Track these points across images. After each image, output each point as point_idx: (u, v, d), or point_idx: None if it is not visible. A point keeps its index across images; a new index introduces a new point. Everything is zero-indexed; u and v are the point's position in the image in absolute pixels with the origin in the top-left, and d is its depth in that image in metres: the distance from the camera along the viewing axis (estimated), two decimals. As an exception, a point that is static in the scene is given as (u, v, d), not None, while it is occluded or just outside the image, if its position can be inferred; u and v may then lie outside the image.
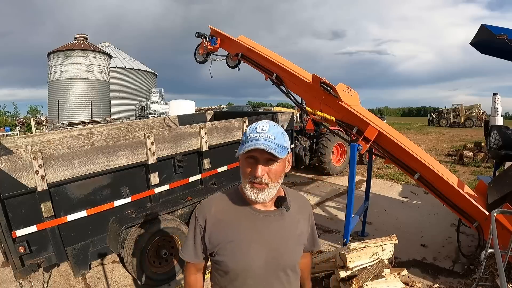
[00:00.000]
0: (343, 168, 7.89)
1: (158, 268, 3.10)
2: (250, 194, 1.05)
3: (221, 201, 1.16)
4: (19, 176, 2.34)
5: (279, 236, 1.12)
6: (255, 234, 1.10)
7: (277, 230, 1.12)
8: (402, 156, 3.11)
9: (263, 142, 0.99)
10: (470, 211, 2.87)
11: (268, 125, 1.04)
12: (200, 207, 1.17)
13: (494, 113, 7.22)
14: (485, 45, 3.39)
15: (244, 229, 1.10)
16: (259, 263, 1.08)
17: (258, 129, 1.03)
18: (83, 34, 23.48)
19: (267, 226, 1.11)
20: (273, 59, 3.90)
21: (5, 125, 26.60)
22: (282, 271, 1.13)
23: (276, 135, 1.03)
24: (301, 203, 1.24)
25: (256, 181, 1.03)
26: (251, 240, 1.09)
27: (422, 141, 15.31)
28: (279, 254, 1.11)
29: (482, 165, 8.60)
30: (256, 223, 1.11)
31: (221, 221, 1.11)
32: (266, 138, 1.01)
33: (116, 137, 4.40)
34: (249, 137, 1.03)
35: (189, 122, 5.76)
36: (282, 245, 1.12)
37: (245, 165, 1.05)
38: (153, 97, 27.03)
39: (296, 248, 1.18)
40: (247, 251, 1.08)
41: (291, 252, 1.15)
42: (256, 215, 1.11)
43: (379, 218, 4.83)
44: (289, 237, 1.15)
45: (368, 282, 2.64)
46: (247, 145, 1.00)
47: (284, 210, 1.13)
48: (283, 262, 1.13)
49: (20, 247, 2.39)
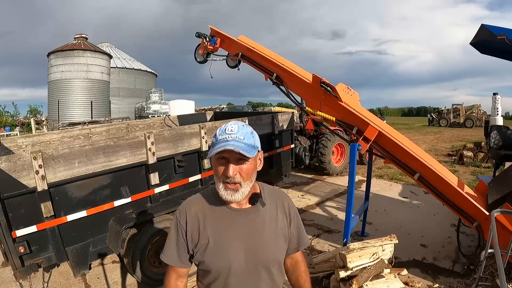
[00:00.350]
0: (343, 168, 7.89)
1: (158, 268, 3.10)
2: (224, 195, 1.06)
3: (200, 201, 1.18)
4: (19, 176, 2.33)
5: (257, 233, 1.13)
6: (233, 232, 1.12)
7: (254, 227, 1.14)
8: (402, 156, 3.11)
9: (232, 143, 1.01)
10: (470, 211, 2.87)
11: (237, 126, 1.07)
12: (180, 208, 1.17)
13: (494, 113, 7.22)
14: (485, 45, 3.39)
15: (222, 228, 1.12)
16: (239, 261, 1.10)
17: (227, 130, 1.05)
18: (83, 34, 23.49)
19: (244, 224, 1.13)
20: (273, 59, 3.90)
21: (5, 125, 26.61)
22: (263, 267, 1.14)
23: (245, 135, 1.05)
24: (278, 198, 1.23)
25: (228, 181, 1.04)
26: (229, 239, 1.11)
27: (422, 141, 15.31)
28: (258, 250, 1.12)
29: (482, 165, 8.60)
30: (233, 221, 1.13)
31: (201, 221, 1.13)
32: (235, 138, 1.03)
33: (116, 137, 4.39)
34: (218, 138, 1.05)
35: (189, 122, 5.76)
36: (261, 241, 1.13)
37: (217, 166, 1.07)
38: (153, 97, 27.04)
39: (277, 243, 1.17)
40: (227, 250, 1.10)
41: (271, 248, 1.15)
42: (233, 214, 1.13)
43: (379, 218, 4.83)
44: (268, 233, 1.15)
45: (368, 282, 2.64)
46: (217, 146, 1.02)
47: (260, 206, 1.14)
48: (264, 258, 1.14)
49: (20, 247, 2.39)
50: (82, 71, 22.14)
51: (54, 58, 22.31)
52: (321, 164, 7.52)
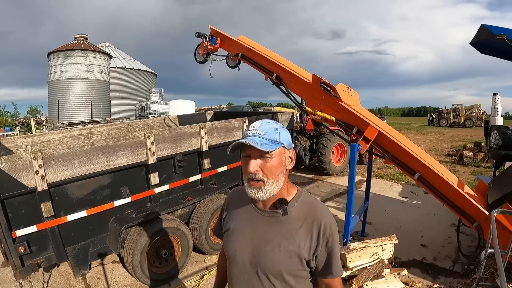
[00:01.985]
0: (343, 168, 7.89)
1: (158, 268, 3.10)
2: (249, 192, 1.06)
3: (239, 193, 1.25)
4: (19, 176, 2.34)
5: (266, 239, 1.09)
6: (248, 229, 1.15)
7: (266, 232, 1.10)
8: (402, 156, 3.11)
9: (249, 138, 1.01)
10: (470, 211, 2.87)
11: (261, 122, 1.07)
12: (228, 194, 1.34)
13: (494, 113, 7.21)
14: (485, 45, 3.39)
15: (241, 222, 1.18)
16: (242, 255, 1.13)
17: (251, 127, 1.07)
18: (83, 34, 23.48)
19: (259, 225, 1.13)
20: (273, 59, 3.90)
21: (5, 125, 26.61)
22: (263, 273, 1.09)
23: (267, 130, 1.04)
24: (312, 214, 1.10)
25: (251, 177, 1.04)
26: (242, 233, 1.15)
27: (422, 141, 15.31)
28: (263, 256, 1.09)
29: (482, 165, 8.60)
30: (252, 218, 1.16)
31: (233, 208, 1.23)
32: (255, 134, 1.03)
33: (116, 137, 4.40)
34: (242, 135, 1.08)
35: (189, 122, 5.76)
36: (266, 248, 1.08)
37: (243, 163, 1.08)
38: (153, 97, 27.04)
39: (284, 258, 1.06)
40: (236, 240, 1.15)
41: (275, 260, 1.07)
42: (253, 212, 1.16)
43: (379, 218, 4.83)
44: (277, 243, 1.07)
45: (368, 282, 2.64)
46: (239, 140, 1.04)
47: (280, 213, 1.09)
48: (265, 266, 1.08)
49: (20, 247, 2.39)
50: (82, 71, 22.13)
51: (54, 58, 22.30)
52: (321, 164, 7.52)
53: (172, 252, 3.18)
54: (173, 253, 3.19)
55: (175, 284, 3.15)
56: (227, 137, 3.98)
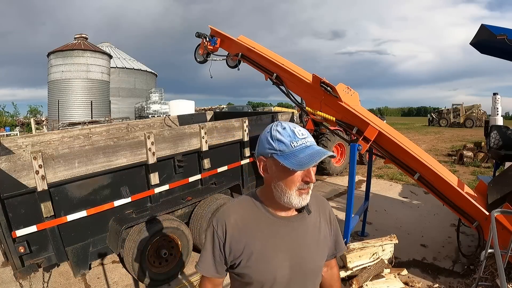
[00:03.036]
0: (343, 168, 7.89)
1: (158, 268, 3.10)
2: (299, 202, 0.99)
3: (239, 209, 1.08)
4: (19, 176, 2.34)
5: (303, 243, 1.07)
6: (278, 242, 1.04)
7: (300, 236, 1.07)
8: (402, 156, 3.11)
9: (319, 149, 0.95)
10: (470, 211, 2.87)
11: (300, 128, 0.99)
12: (218, 217, 1.08)
13: (494, 113, 7.21)
14: (485, 45, 3.39)
15: (267, 237, 1.03)
16: (284, 272, 1.03)
17: (299, 135, 0.96)
18: (83, 34, 23.47)
19: (289, 233, 1.06)
20: (273, 59, 3.90)
21: (5, 125, 26.61)
22: (307, 278, 1.09)
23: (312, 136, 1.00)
24: (319, 203, 1.17)
25: (306, 187, 0.98)
26: (274, 249, 1.03)
27: (422, 141, 15.31)
28: (303, 261, 1.06)
29: (482, 165, 8.59)
30: (278, 230, 1.05)
31: (242, 229, 1.04)
32: (313, 143, 0.97)
33: (116, 137, 4.40)
34: (294, 145, 0.94)
35: (189, 122, 5.76)
36: (307, 251, 1.07)
37: (292, 174, 0.96)
38: (153, 97, 27.03)
39: (320, 253, 1.12)
40: (271, 260, 1.02)
41: (316, 258, 1.10)
42: (277, 222, 1.05)
43: (379, 218, 4.83)
44: (313, 242, 1.09)
45: (368, 282, 2.64)
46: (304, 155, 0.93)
47: (306, 214, 1.08)
48: (308, 269, 1.08)
49: (20, 247, 2.39)
50: (82, 71, 22.12)
51: (54, 58, 22.29)
52: (321, 164, 7.52)
53: (172, 252, 3.18)
54: (173, 253, 3.19)
55: (175, 284, 3.15)
56: (227, 137, 3.98)
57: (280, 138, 0.96)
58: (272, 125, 1.01)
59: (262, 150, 1.00)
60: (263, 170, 1.03)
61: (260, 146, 1.02)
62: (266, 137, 1.00)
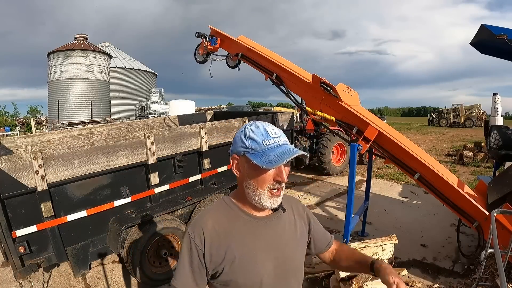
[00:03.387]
0: (343, 168, 7.89)
1: (158, 268, 3.10)
2: (270, 204, 0.98)
3: (215, 214, 1.05)
4: (19, 176, 2.34)
5: (283, 241, 1.07)
6: (259, 242, 1.02)
7: (279, 234, 1.07)
8: (402, 156, 3.11)
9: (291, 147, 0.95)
10: (470, 211, 2.87)
11: (273, 128, 0.99)
12: (193, 226, 1.01)
13: (494, 113, 7.22)
14: (485, 45, 3.39)
15: (247, 239, 1.01)
16: (269, 272, 1.02)
17: (272, 133, 0.96)
18: (83, 34, 23.47)
19: (268, 232, 1.05)
20: (273, 59, 3.90)
21: (5, 125, 26.61)
22: (291, 276, 1.09)
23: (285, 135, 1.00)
24: (291, 203, 1.18)
25: (278, 187, 0.97)
26: (257, 250, 1.01)
27: (422, 141, 15.31)
28: (286, 259, 1.07)
29: (482, 165, 8.59)
30: (257, 230, 1.03)
31: (221, 234, 0.99)
32: (286, 142, 0.97)
33: (116, 137, 4.40)
34: (265, 143, 0.94)
35: (189, 122, 5.76)
36: (288, 249, 1.08)
37: (263, 173, 0.95)
38: (153, 97, 27.04)
39: (299, 248, 1.13)
40: (256, 262, 1.00)
41: (297, 255, 1.11)
42: (255, 222, 1.04)
43: (379, 218, 4.83)
44: (292, 240, 1.10)
45: (368, 282, 2.64)
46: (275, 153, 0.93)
47: (281, 212, 1.08)
48: (291, 266, 1.09)
49: (20, 247, 2.39)
50: (82, 71, 22.12)
51: (54, 58, 22.29)
52: (321, 164, 7.52)
53: (172, 252, 3.18)
54: (173, 253, 3.19)
55: (175, 284, 3.15)
56: (227, 137, 3.98)
57: (252, 136, 0.96)
58: (246, 124, 1.01)
59: (235, 148, 1.00)
60: (236, 169, 1.02)
61: (234, 144, 1.01)
62: (240, 135, 0.99)
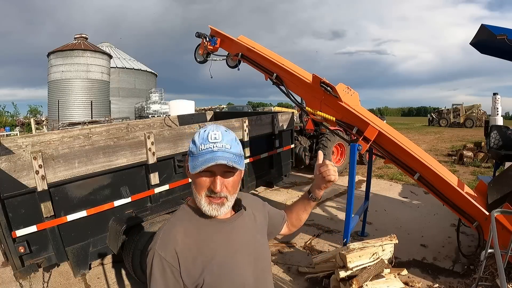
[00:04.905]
0: (343, 168, 7.88)
1: (158, 268, 3.09)
2: (208, 210, 0.95)
3: (182, 226, 0.99)
4: (19, 176, 2.33)
5: (251, 238, 1.08)
6: (233, 245, 1.01)
7: (247, 233, 1.07)
8: (402, 156, 3.11)
9: (220, 154, 0.89)
10: (470, 211, 2.87)
11: (220, 132, 0.93)
12: (161, 244, 0.94)
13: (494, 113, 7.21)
14: (485, 45, 3.39)
15: (222, 245, 0.99)
16: (248, 273, 1.02)
17: (211, 138, 0.91)
18: (83, 34, 23.47)
19: (239, 233, 1.04)
20: (273, 59, 3.90)
21: (5, 125, 26.61)
22: (265, 270, 1.11)
23: (231, 143, 0.93)
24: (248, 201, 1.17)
25: (214, 195, 0.94)
26: (233, 253, 1.00)
27: (422, 141, 15.30)
28: (259, 255, 1.08)
29: (482, 165, 8.59)
30: (228, 234, 1.02)
31: (193, 246, 0.95)
32: (222, 148, 0.90)
33: (116, 137, 4.39)
34: (201, 148, 0.91)
35: (189, 122, 5.76)
36: (257, 245, 1.09)
37: (199, 179, 0.93)
38: (153, 97, 27.03)
39: (264, 239, 1.16)
40: (235, 266, 0.99)
41: (264, 247, 1.13)
42: (224, 226, 1.02)
43: (379, 218, 4.83)
44: (257, 234, 1.12)
45: (368, 282, 2.64)
46: (202, 159, 0.89)
47: (243, 210, 1.09)
48: (263, 261, 1.10)
49: (20, 247, 2.39)
50: (82, 71, 22.12)
51: (54, 58, 22.29)
52: (321, 164, 7.51)
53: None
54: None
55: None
56: (227, 137, 3.97)
57: (195, 139, 0.95)
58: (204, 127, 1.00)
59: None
60: (186, 171, 0.99)
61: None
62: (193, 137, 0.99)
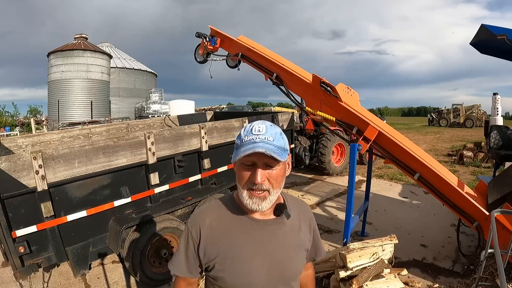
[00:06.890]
0: (343, 168, 7.89)
1: (158, 268, 3.09)
2: (249, 204, 0.95)
3: (215, 211, 1.06)
4: (19, 176, 2.33)
5: (280, 247, 1.04)
6: (254, 246, 1.01)
7: (278, 240, 1.04)
8: (402, 156, 3.11)
9: (261, 145, 0.89)
10: (470, 211, 2.88)
11: (265, 126, 0.95)
12: (192, 218, 1.06)
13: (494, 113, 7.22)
14: (485, 45, 3.39)
15: (243, 241, 1.01)
16: (260, 277, 1.00)
17: (254, 131, 0.93)
18: (83, 34, 23.46)
19: (267, 237, 1.02)
20: (273, 59, 3.90)
21: (5, 125, 26.61)
22: (284, 283, 1.06)
23: (275, 136, 0.93)
24: (301, 209, 1.15)
25: (255, 188, 0.93)
26: (251, 253, 1.00)
27: (422, 141, 15.31)
28: (281, 266, 1.04)
29: (482, 165, 8.59)
30: (255, 233, 1.02)
31: (217, 232, 1.01)
32: (264, 140, 0.91)
33: (116, 137, 4.40)
34: (244, 140, 0.93)
35: (189, 122, 5.76)
36: (285, 256, 1.04)
37: (242, 171, 0.95)
38: (153, 97, 27.01)
39: (299, 257, 1.09)
40: (247, 265, 0.99)
41: (294, 263, 1.08)
42: (254, 225, 1.02)
43: (379, 218, 4.83)
44: (291, 247, 1.06)
45: (368, 282, 2.63)
46: (243, 149, 0.91)
47: (285, 218, 1.05)
48: (286, 275, 1.06)
49: (20, 247, 2.39)
50: (82, 71, 22.11)
51: (54, 58, 22.29)
52: (321, 164, 7.52)
53: (172, 252, 3.18)
54: (173, 253, 3.18)
55: (175, 284, 3.15)
56: (227, 137, 3.98)
57: (240, 132, 0.97)
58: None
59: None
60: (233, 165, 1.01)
61: None
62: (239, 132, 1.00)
